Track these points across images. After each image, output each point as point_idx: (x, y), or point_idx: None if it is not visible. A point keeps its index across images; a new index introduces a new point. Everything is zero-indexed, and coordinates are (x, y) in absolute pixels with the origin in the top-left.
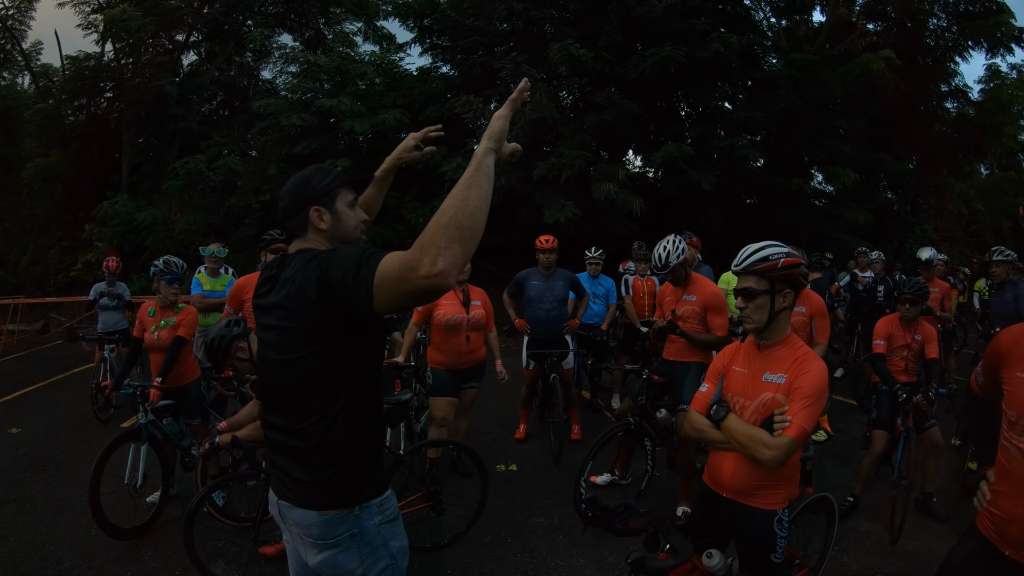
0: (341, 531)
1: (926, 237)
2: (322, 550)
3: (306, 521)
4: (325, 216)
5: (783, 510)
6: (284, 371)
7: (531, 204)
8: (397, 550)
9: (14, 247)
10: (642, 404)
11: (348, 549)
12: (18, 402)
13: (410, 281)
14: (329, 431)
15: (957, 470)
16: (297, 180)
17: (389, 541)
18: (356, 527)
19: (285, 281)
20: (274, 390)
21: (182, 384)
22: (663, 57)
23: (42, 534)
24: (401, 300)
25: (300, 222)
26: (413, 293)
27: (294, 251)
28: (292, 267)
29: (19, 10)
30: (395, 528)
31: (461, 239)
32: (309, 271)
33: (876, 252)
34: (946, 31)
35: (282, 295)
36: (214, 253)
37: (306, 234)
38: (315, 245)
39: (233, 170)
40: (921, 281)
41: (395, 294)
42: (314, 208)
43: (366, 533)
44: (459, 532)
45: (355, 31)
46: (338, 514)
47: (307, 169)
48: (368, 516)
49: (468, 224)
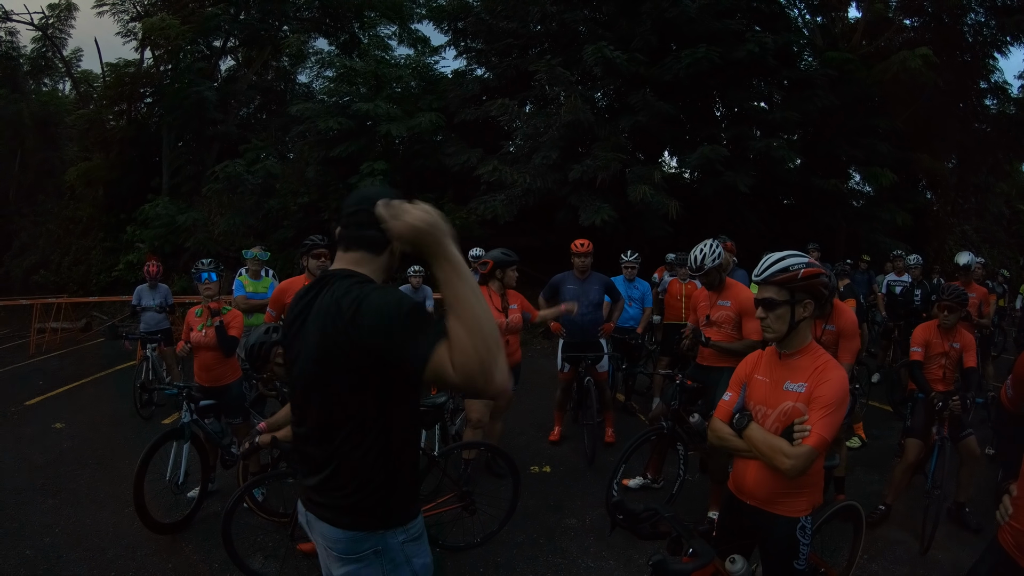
0: (365, 547)
1: (966, 238)
2: (345, 564)
3: (332, 536)
4: (395, 244)
5: (806, 517)
6: (315, 387)
7: (567, 207)
8: (420, 567)
9: (57, 248)
10: (675, 409)
11: (371, 564)
12: (62, 398)
13: (478, 391)
14: (361, 455)
15: (992, 480)
16: (376, 196)
17: (412, 559)
18: (380, 544)
19: (328, 308)
20: (306, 404)
21: (224, 384)
22: (697, 58)
23: (85, 526)
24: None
25: (370, 238)
26: (476, 396)
27: (341, 267)
28: (337, 292)
29: (59, 19)
30: (419, 546)
31: (500, 347)
32: (355, 313)
33: (914, 256)
34: (984, 26)
35: (320, 324)
36: (257, 256)
37: (381, 254)
38: (365, 269)
39: (272, 173)
40: (960, 288)
41: (447, 384)
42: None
43: (390, 550)
44: (492, 531)
45: (390, 35)
46: (364, 532)
47: (382, 188)
48: (393, 535)
49: (494, 330)
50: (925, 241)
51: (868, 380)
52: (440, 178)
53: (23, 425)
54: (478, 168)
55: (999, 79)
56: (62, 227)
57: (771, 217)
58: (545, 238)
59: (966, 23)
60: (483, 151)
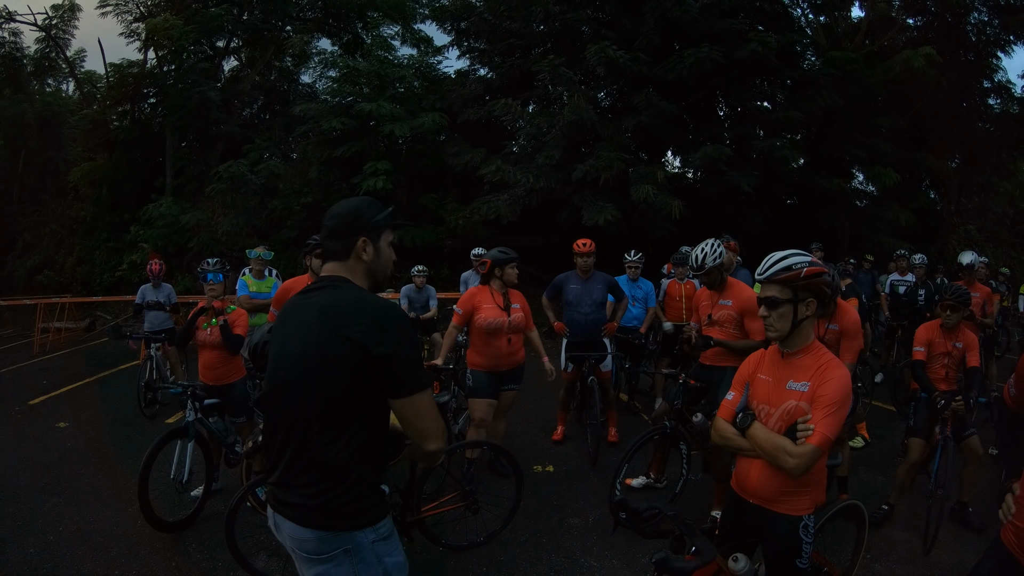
0: (334, 547)
1: (969, 238)
2: (315, 564)
3: (300, 535)
4: (369, 248)
5: (809, 516)
6: (291, 387)
7: (570, 206)
8: (392, 565)
9: (61, 248)
10: (678, 408)
11: (342, 564)
12: (65, 397)
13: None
14: (331, 455)
15: (995, 480)
16: (351, 207)
17: (384, 558)
18: (350, 543)
19: (323, 315)
20: (282, 403)
21: (228, 383)
22: (700, 57)
23: (89, 525)
24: (407, 426)
25: (345, 248)
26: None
27: (330, 275)
28: (331, 294)
29: (63, 19)
30: (389, 545)
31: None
32: (354, 327)
33: (919, 256)
34: (987, 25)
35: (313, 330)
36: (260, 256)
37: (347, 260)
38: (353, 276)
39: (275, 173)
40: (963, 287)
41: (409, 423)
42: (363, 239)
43: (360, 550)
44: (495, 530)
45: (393, 35)
46: (332, 532)
47: (361, 199)
48: (363, 535)
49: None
50: (929, 241)
51: (872, 380)
52: (443, 178)
53: (27, 424)
54: (481, 168)
55: (1002, 78)
56: (66, 227)
57: (774, 217)
58: (548, 238)
59: (969, 22)
60: (486, 151)
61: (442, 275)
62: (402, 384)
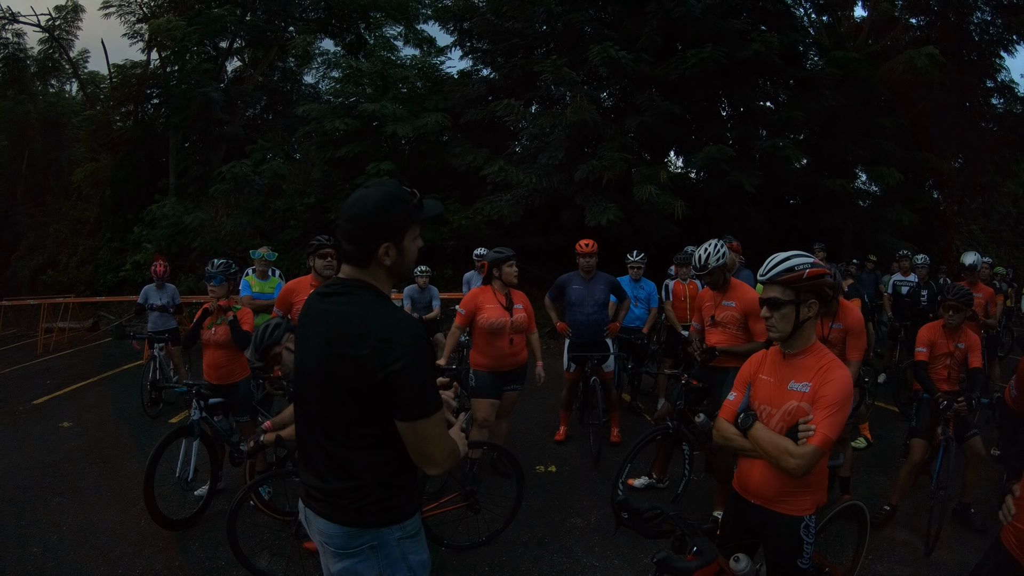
0: (361, 542)
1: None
2: (342, 559)
3: (328, 531)
4: (392, 252)
5: (810, 516)
6: (319, 389)
7: (573, 206)
8: (416, 563)
9: (65, 248)
10: (681, 408)
11: (367, 560)
12: (69, 397)
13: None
14: (361, 455)
15: (997, 481)
16: (372, 208)
17: (408, 555)
18: (376, 540)
19: (332, 332)
20: (310, 405)
21: (233, 382)
22: (703, 57)
23: (92, 524)
24: (409, 448)
25: (365, 254)
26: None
27: (348, 278)
28: (344, 308)
29: (66, 20)
30: (415, 543)
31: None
32: (359, 348)
33: (921, 256)
34: (991, 24)
35: (334, 337)
36: (264, 256)
37: (368, 266)
38: (374, 279)
39: (278, 173)
40: (965, 288)
41: (410, 445)
42: (385, 245)
43: (386, 546)
44: (497, 530)
45: (395, 35)
46: (360, 528)
47: (382, 192)
48: (389, 531)
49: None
50: (932, 241)
51: (874, 380)
52: (446, 178)
53: (31, 424)
54: (484, 168)
55: (1005, 78)
56: (69, 227)
57: (777, 217)
58: (551, 238)
59: (972, 22)
60: (489, 151)
61: (445, 275)
62: (408, 408)
